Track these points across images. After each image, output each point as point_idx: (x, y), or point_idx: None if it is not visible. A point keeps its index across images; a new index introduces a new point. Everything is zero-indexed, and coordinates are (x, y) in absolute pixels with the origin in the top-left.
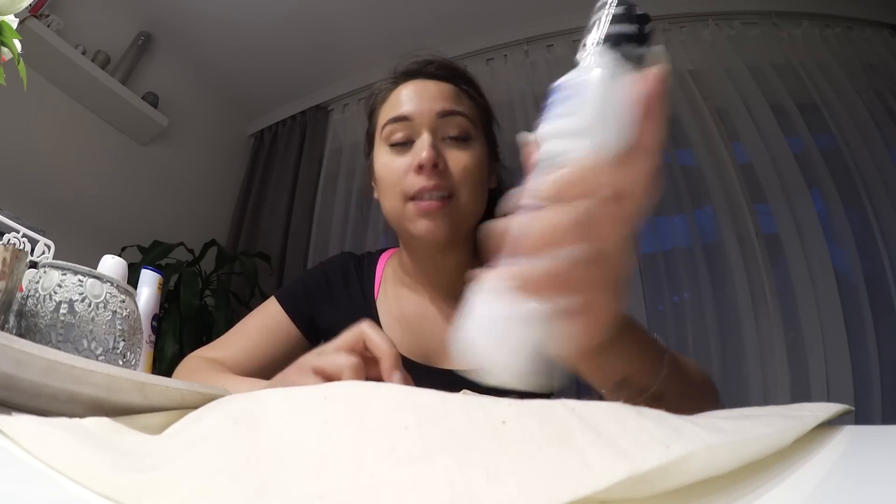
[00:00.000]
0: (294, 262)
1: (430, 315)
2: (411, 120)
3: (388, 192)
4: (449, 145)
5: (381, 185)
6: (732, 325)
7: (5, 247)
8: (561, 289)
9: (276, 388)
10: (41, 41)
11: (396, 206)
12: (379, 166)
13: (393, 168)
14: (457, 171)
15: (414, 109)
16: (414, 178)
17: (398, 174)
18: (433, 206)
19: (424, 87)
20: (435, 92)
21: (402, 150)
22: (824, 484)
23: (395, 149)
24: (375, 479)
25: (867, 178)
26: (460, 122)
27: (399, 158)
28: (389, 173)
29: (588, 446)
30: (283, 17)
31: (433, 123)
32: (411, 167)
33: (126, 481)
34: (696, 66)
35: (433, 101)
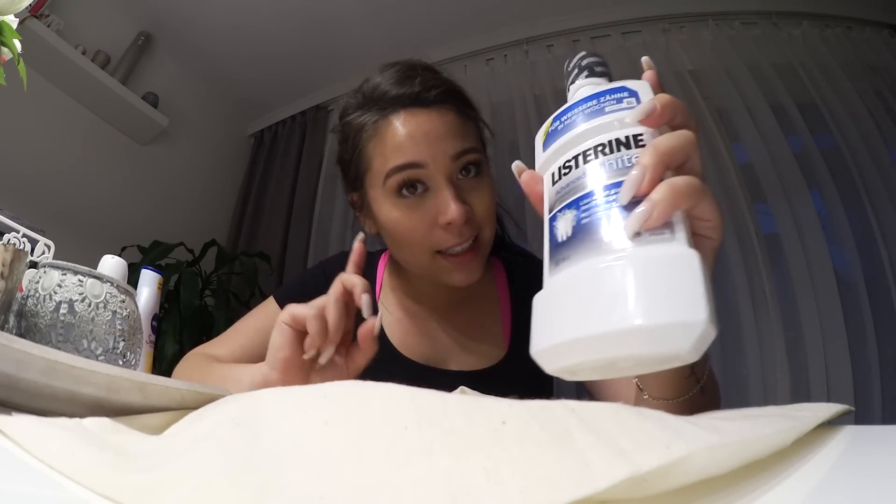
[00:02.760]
0: (294, 262)
1: (431, 317)
2: (424, 167)
3: (411, 247)
4: (465, 185)
5: (398, 238)
6: (732, 325)
7: (5, 247)
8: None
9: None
10: (41, 41)
11: (422, 260)
12: (391, 222)
13: (412, 224)
14: (480, 211)
15: (425, 155)
16: (442, 234)
17: (421, 231)
18: (469, 258)
19: (429, 123)
20: (442, 129)
21: (417, 200)
22: (824, 484)
23: (406, 199)
24: (375, 479)
25: (867, 178)
26: (473, 157)
27: (416, 211)
28: (409, 230)
29: (588, 447)
30: (283, 18)
31: (448, 170)
32: (435, 223)
33: (126, 481)
34: (696, 66)
35: (444, 140)
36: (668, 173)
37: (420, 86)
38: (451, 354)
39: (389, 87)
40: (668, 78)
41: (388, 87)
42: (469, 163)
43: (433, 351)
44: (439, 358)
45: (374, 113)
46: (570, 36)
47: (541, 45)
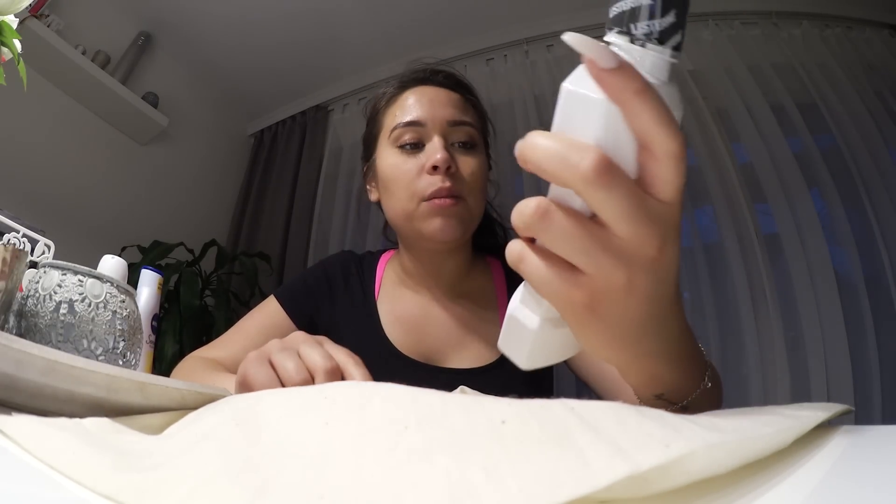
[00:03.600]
0: (294, 262)
1: (431, 315)
2: (423, 125)
3: (399, 192)
4: (457, 151)
5: (390, 185)
6: (732, 325)
7: (5, 247)
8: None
9: (276, 389)
10: (41, 41)
11: (407, 206)
12: (387, 167)
13: (404, 169)
14: (466, 174)
15: (426, 115)
16: (428, 179)
17: (410, 175)
18: (447, 204)
19: (435, 93)
20: (445, 100)
21: (412, 152)
22: (824, 484)
23: (404, 150)
24: (376, 478)
25: (867, 178)
26: (468, 130)
27: (410, 160)
28: (401, 174)
29: (588, 445)
30: (283, 17)
31: (444, 130)
32: (424, 168)
33: (126, 481)
34: (696, 66)
35: (444, 108)
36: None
37: (430, 70)
38: (450, 352)
39: (408, 73)
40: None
41: (407, 73)
42: (466, 136)
43: (432, 349)
44: (438, 356)
45: (393, 88)
46: None
47: (541, 45)
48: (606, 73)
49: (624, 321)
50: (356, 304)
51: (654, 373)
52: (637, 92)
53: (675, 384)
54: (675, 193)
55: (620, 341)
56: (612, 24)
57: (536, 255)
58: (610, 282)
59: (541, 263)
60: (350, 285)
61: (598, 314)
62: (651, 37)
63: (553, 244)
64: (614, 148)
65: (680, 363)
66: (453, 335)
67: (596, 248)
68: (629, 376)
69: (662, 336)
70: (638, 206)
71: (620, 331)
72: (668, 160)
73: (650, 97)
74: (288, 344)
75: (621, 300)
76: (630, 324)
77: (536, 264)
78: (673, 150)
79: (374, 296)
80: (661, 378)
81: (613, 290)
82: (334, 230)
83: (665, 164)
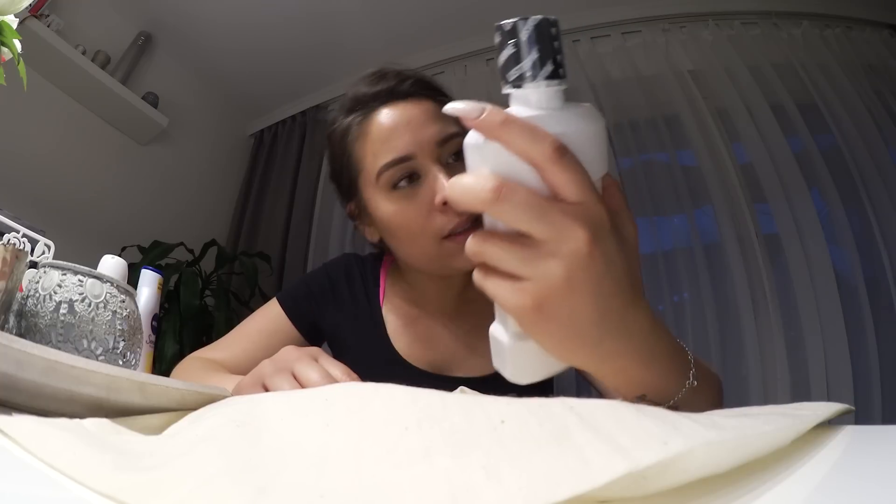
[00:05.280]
0: (294, 262)
1: (437, 325)
2: (413, 158)
3: (414, 239)
4: (456, 168)
5: (399, 233)
6: (732, 325)
7: (5, 247)
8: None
9: (277, 392)
10: (41, 41)
11: (427, 249)
12: (389, 215)
13: (411, 215)
14: None
15: (412, 144)
16: (441, 217)
17: (420, 218)
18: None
19: (410, 112)
20: (422, 116)
21: (411, 189)
22: (825, 484)
23: (400, 191)
24: (376, 478)
25: (867, 178)
26: (457, 142)
27: (412, 201)
28: (409, 220)
29: (586, 444)
30: (283, 18)
31: (435, 154)
32: (432, 207)
33: (127, 481)
34: (696, 66)
35: (426, 126)
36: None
37: (394, 80)
38: (457, 361)
39: (366, 89)
40: (668, 78)
41: (365, 90)
42: (457, 147)
43: (438, 358)
44: (444, 365)
45: (356, 115)
46: (570, 36)
47: None
48: (476, 122)
49: (575, 319)
50: (361, 311)
51: (630, 374)
52: (502, 123)
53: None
54: (577, 190)
55: (579, 341)
56: (500, 78)
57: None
58: (549, 281)
59: (493, 280)
60: (354, 291)
61: (547, 314)
62: (524, 78)
63: (495, 262)
64: (511, 174)
65: (655, 363)
66: (460, 343)
67: (527, 255)
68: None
69: (625, 335)
70: (541, 209)
71: (575, 330)
72: (547, 163)
73: (513, 123)
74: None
75: (565, 297)
76: (583, 321)
77: (491, 282)
78: (545, 153)
79: (378, 303)
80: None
81: (555, 289)
82: (334, 230)
83: (548, 168)
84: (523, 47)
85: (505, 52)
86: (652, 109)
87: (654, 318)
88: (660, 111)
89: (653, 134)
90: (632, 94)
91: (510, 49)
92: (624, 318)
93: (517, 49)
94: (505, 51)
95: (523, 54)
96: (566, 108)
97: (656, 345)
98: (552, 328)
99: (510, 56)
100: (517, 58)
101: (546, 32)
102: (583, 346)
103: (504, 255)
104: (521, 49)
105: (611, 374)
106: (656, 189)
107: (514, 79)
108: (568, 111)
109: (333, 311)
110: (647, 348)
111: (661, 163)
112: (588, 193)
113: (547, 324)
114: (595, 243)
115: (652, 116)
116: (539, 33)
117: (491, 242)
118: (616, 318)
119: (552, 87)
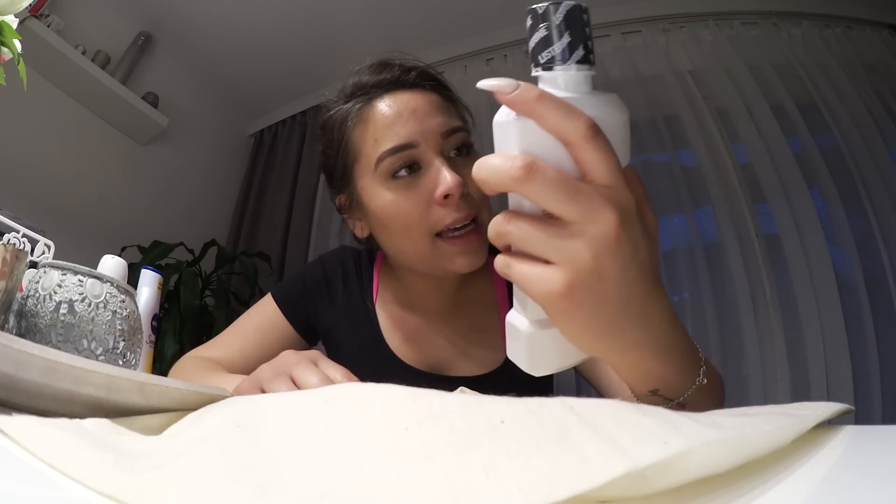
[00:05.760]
0: (294, 262)
1: (432, 325)
2: (416, 146)
3: (407, 232)
4: (458, 163)
5: (392, 225)
6: (732, 325)
7: (5, 247)
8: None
9: (276, 385)
10: (41, 41)
11: (422, 246)
12: (385, 206)
13: (408, 206)
14: (475, 187)
15: (416, 133)
16: (440, 211)
17: (417, 210)
18: (472, 240)
19: (415, 101)
20: (429, 106)
21: (411, 179)
22: (825, 484)
23: (400, 181)
24: (376, 478)
25: (867, 178)
26: (462, 136)
27: (411, 192)
28: (406, 212)
29: (586, 443)
30: (283, 18)
31: (439, 145)
32: (432, 200)
33: (127, 481)
34: (696, 66)
35: (432, 117)
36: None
37: (399, 70)
38: (452, 361)
39: (369, 78)
40: (668, 78)
41: (368, 78)
42: (460, 142)
43: (434, 358)
44: (440, 365)
45: (356, 101)
46: None
47: None
48: (510, 96)
49: (601, 307)
50: (355, 307)
51: (647, 367)
52: (536, 99)
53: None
54: (608, 172)
55: (603, 329)
56: (530, 60)
57: (516, 259)
58: (579, 266)
59: (520, 264)
60: (349, 287)
61: (576, 301)
62: (554, 61)
63: (521, 244)
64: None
65: (671, 356)
66: (455, 342)
67: (556, 237)
68: (622, 371)
69: (646, 326)
70: (572, 189)
71: (600, 317)
72: (582, 142)
73: (548, 99)
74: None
75: (594, 284)
76: (608, 309)
77: (517, 266)
78: (580, 130)
79: (373, 299)
80: (654, 372)
81: (584, 275)
82: (334, 230)
83: (581, 146)
84: (555, 31)
85: (536, 34)
86: (652, 109)
87: (672, 311)
88: (660, 111)
89: (653, 134)
90: (632, 94)
91: (542, 32)
92: (645, 308)
93: (549, 32)
94: (536, 34)
95: (555, 38)
96: (594, 94)
97: (674, 338)
98: (579, 315)
99: (541, 39)
100: (548, 41)
101: (578, 18)
102: (606, 335)
103: (531, 236)
104: (552, 32)
105: (629, 365)
106: (656, 189)
107: (545, 61)
108: (596, 97)
109: (328, 307)
110: (666, 341)
111: (661, 163)
112: (618, 177)
113: (575, 311)
114: (623, 227)
115: (652, 116)
116: (571, 18)
117: (517, 222)
118: (639, 307)
119: (582, 72)
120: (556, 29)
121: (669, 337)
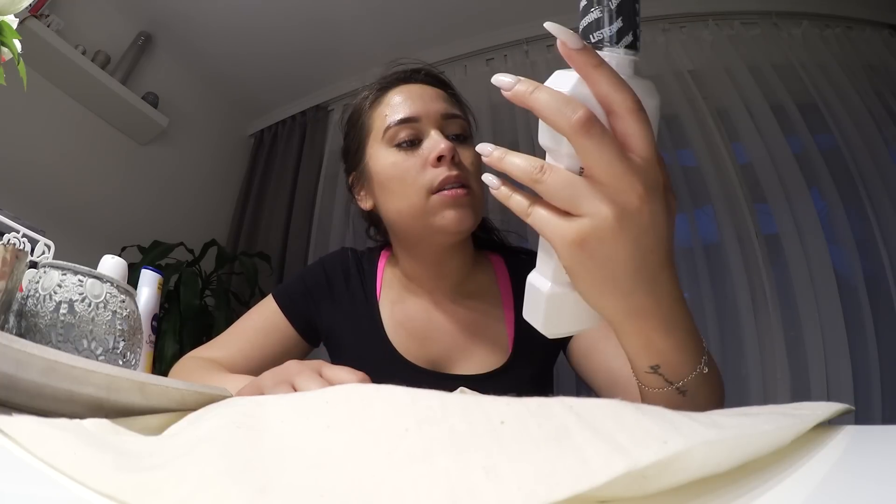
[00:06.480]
0: (294, 262)
1: (435, 320)
2: (418, 120)
3: (405, 189)
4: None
5: (392, 184)
6: (732, 325)
7: (5, 247)
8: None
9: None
10: (41, 41)
11: (416, 202)
12: (387, 166)
13: (406, 166)
14: (467, 163)
15: (419, 110)
16: (433, 171)
17: (414, 171)
18: (460, 194)
19: (422, 90)
20: (434, 94)
21: (411, 149)
22: (825, 484)
23: (402, 148)
24: (376, 478)
25: (867, 178)
26: (461, 123)
27: (410, 157)
28: (404, 170)
29: (586, 443)
30: (283, 18)
31: (439, 123)
32: (427, 162)
33: (127, 481)
34: (696, 66)
35: (435, 101)
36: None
37: (410, 69)
38: (455, 358)
39: (388, 74)
40: (668, 78)
41: (388, 74)
42: (459, 128)
43: (437, 355)
44: (444, 362)
45: (375, 89)
46: None
47: (541, 45)
48: (573, 52)
49: (612, 262)
50: (357, 306)
51: (650, 338)
52: (595, 65)
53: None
54: (647, 147)
55: (612, 286)
56: (581, 36)
57: (539, 205)
58: (597, 221)
59: (543, 210)
60: (351, 286)
61: (588, 250)
62: (605, 41)
63: (551, 194)
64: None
65: (673, 333)
66: (459, 340)
67: (584, 193)
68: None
69: (654, 296)
70: (617, 155)
71: (611, 272)
72: (629, 114)
73: (606, 69)
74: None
75: (609, 239)
76: (619, 267)
77: (539, 211)
78: (629, 104)
79: (375, 297)
80: (656, 345)
81: (601, 228)
82: (334, 230)
83: (627, 118)
84: (608, 14)
85: (590, 15)
86: None
87: (680, 291)
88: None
89: None
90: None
91: (596, 13)
92: (656, 278)
93: (602, 14)
94: (590, 15)
95: (607, 20)
96: (634, 79)
97: (678, 314)
98: (590, 266)
99: (595, 20)
100: (600, 23)
101: (631, 6)
102: (614, 293)
103: (563, 188)
104: (605, 15)
105: (633, 332)
106: None
107: (596, 41)
108: (636, 81)
109: (329, 308)
110: (671, 315)
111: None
112: (654, 152)
113: (587, 261)
114: (647, 199)
115: None
116: (625, 5)
117: (552, 173)
118: (649, 274)
119: (629, 56)
120: (610, 12)
121: (674, 312)
